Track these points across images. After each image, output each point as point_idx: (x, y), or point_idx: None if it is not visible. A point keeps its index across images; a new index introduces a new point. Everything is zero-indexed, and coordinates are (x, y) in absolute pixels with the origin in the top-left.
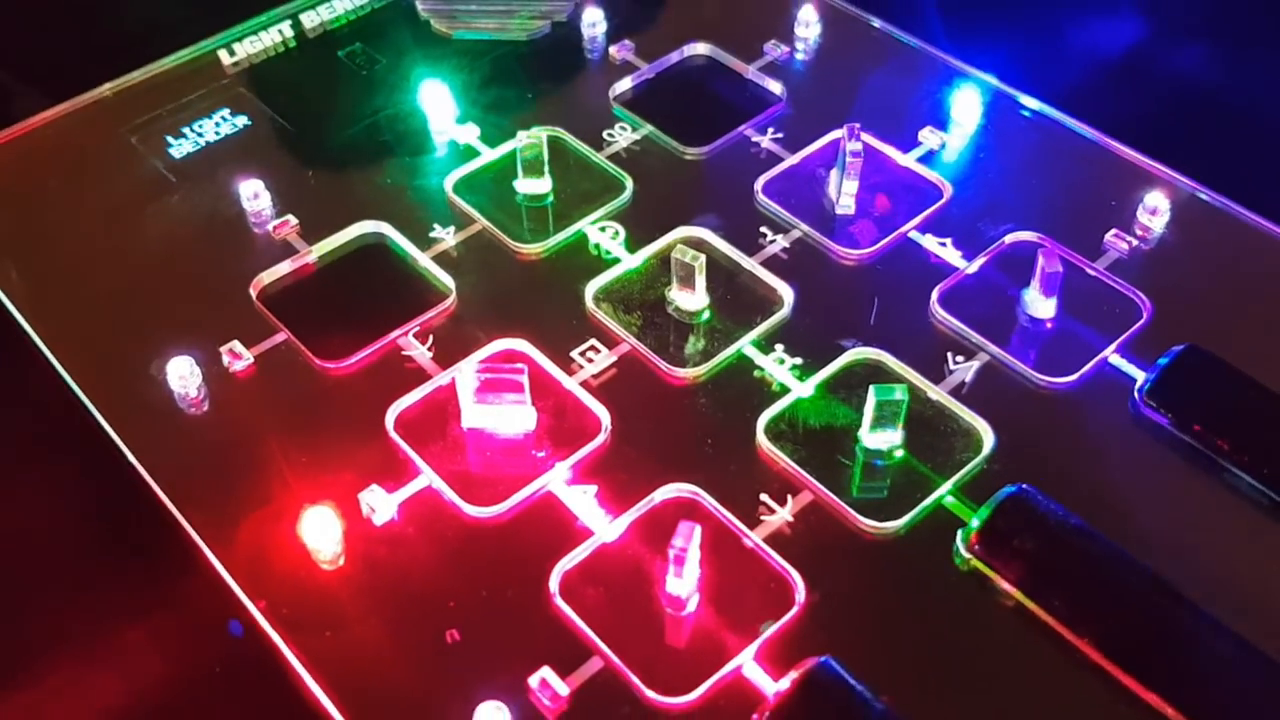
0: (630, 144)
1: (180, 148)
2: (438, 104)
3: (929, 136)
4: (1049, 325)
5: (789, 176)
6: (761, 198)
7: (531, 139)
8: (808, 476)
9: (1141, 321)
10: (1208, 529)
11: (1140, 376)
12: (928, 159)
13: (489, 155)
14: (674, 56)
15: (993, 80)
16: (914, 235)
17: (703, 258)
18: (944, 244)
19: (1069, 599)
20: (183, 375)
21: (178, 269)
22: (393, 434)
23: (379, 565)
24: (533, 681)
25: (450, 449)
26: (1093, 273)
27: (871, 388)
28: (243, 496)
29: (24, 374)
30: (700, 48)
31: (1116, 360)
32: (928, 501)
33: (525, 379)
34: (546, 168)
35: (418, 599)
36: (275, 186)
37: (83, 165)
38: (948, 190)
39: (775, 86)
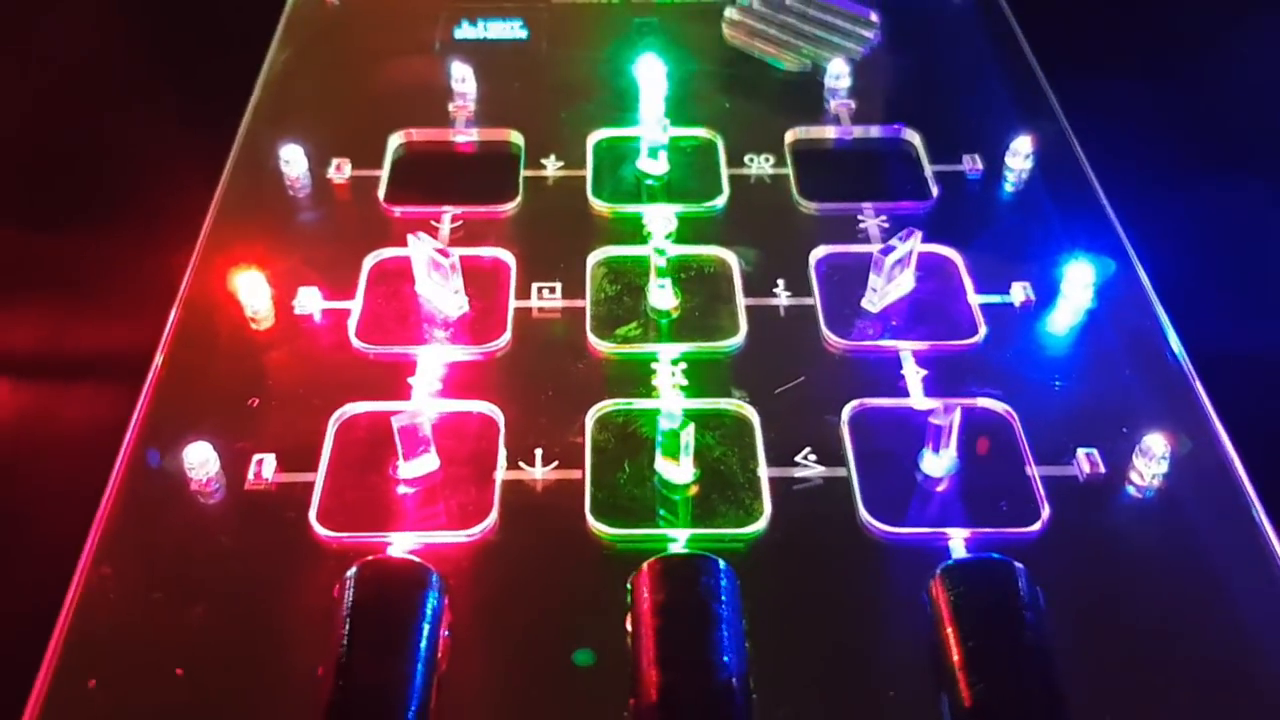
0: (764, 175)
1: (464, 32)
2: (651, 78)
3: (1018, 292)
4: (938, 488)
5: (856, 259)
6: (811, 263)
7: (663, 130)
8: (588, 462)
9: (1022, 529)
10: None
11: None
12: (997, 308)
13: (642, 131)
14: (881, 130)
15: (1140, 271)
16: (904, 355)
17: (667, 254)
18: (920, 373)
19: (646, 660)
20: (290, 160)
21: (373, 103)
22: (364, 270)
23: (270, 335)
24: (256, 456)
25: (388, 298)
26: (1027, 470)
27: (662, 410)
28: (257, 249)
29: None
30: (914, 136)
31: (956, 545)
32: (655, 533)
33: (454, 270)
34: (667, 157)
35: (257, 371)
36: (487, 80)
37: (393, 15)
38: (979, 337)
39: (933, 189)
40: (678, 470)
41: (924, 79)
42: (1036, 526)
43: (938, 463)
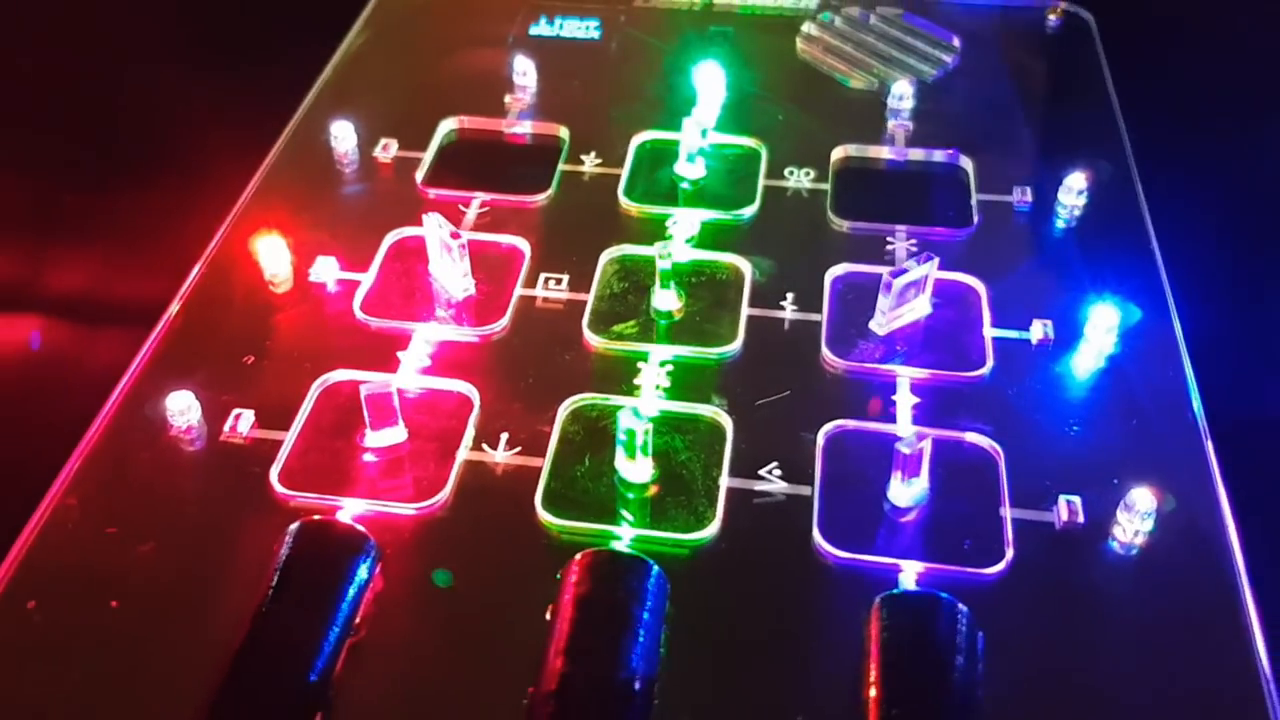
0: (801, 189)
1: (539, 29)
2: (709, 84)
3: (1038, 329)
4: (903, 519)
5: (874, 279)
6: (827, 280)
7: (701, 136)
8: (551, 452)
9: (981, 570)
10: None
11: None
12: (1012, 343)
13: (685, 137)
14: (939, 154)
15: (1176, 325)
16: (901, 381)
17: (670, 260)
18: (913, 401)
19: (554, 649)
20: (339, 136)
21: (434, 90)
22: (383, 246)
23: (283, 299)
24: (236, 410)
25: (401, 275)
26: (1001, 511)
27: (623, 407)
28: (290, 216)
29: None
30: (967, 163)
31: (906, 578)
32: (601, 528)
33: (461, 252)
34: (705, 163)
35: (262, 331)
36: (549, 76)
37: (475, 10)
38: (984, 370)
39: (975, 218)
40: (635, 469)
41: (994, 105)
42: (998, 569)
43: (905, 492)
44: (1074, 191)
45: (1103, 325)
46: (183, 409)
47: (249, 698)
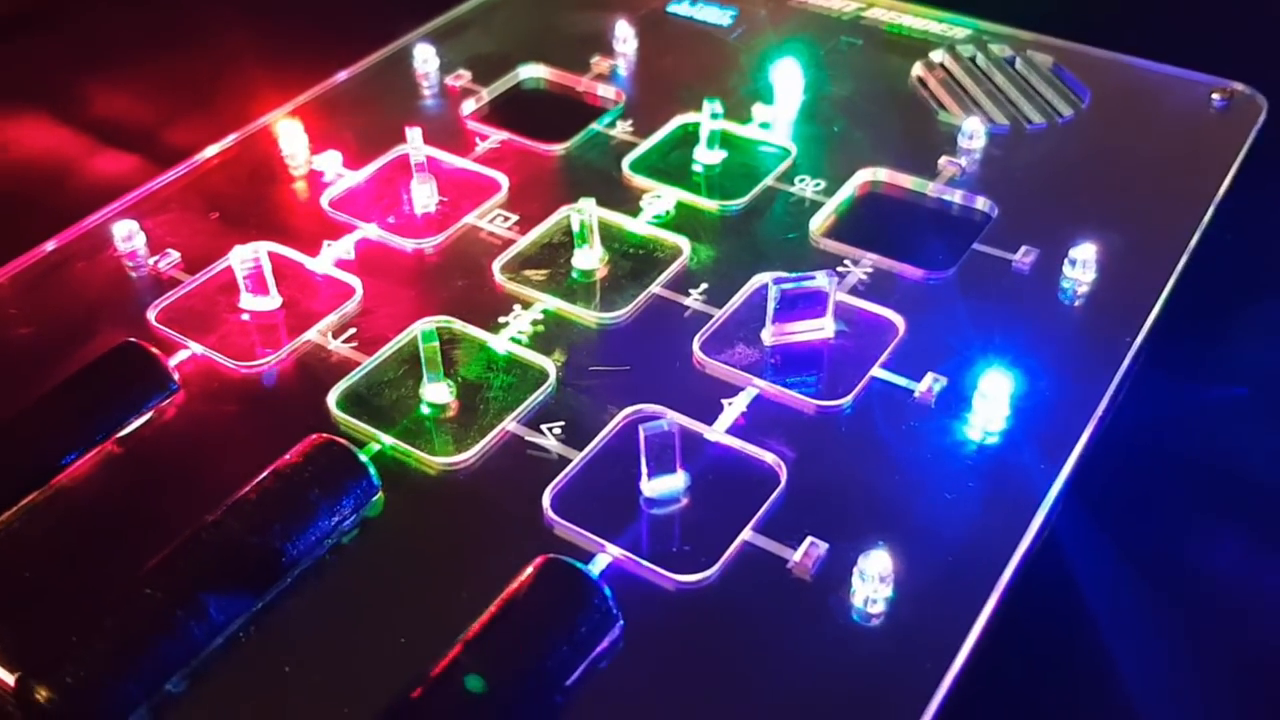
0: (802, 197)
1: (677, 7)
2: (786, 80)
3: (926, 382)
4: (651, 510)
5: (803, 295)
6: (750, 284)
7: (715, 123)
8: (377, 355)
9: (676, 576)
10: None
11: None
12: (892, 388)
13: (728, 124)
14: (977, 201)
15: (1092, 421)
16: (746, 391)
17: (585, 218)
18: (740, 411)
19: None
20: (424, 60)
21: (539, 42)
22: (387, 155)
23: (288, 177)
24: (170, 249)
25: (384, 183)
26: (740, 532)
27: (431, 326)
28: (342, 113)
29: None
30: (994, 211)
31: (600, 560)
32: (369, 429)
33: (420, 169)
34: (721, 152)
35: (248, 196)
36: (646, 47)
37: None
38: (840, 403)
39: (954, 266)
40: (431, 390)
41: (1071, 165)
42: (692, 579)
43: (648, 485)
44: (1079, 264)
45: (989, 393)
46: (125, 236)
47: None
